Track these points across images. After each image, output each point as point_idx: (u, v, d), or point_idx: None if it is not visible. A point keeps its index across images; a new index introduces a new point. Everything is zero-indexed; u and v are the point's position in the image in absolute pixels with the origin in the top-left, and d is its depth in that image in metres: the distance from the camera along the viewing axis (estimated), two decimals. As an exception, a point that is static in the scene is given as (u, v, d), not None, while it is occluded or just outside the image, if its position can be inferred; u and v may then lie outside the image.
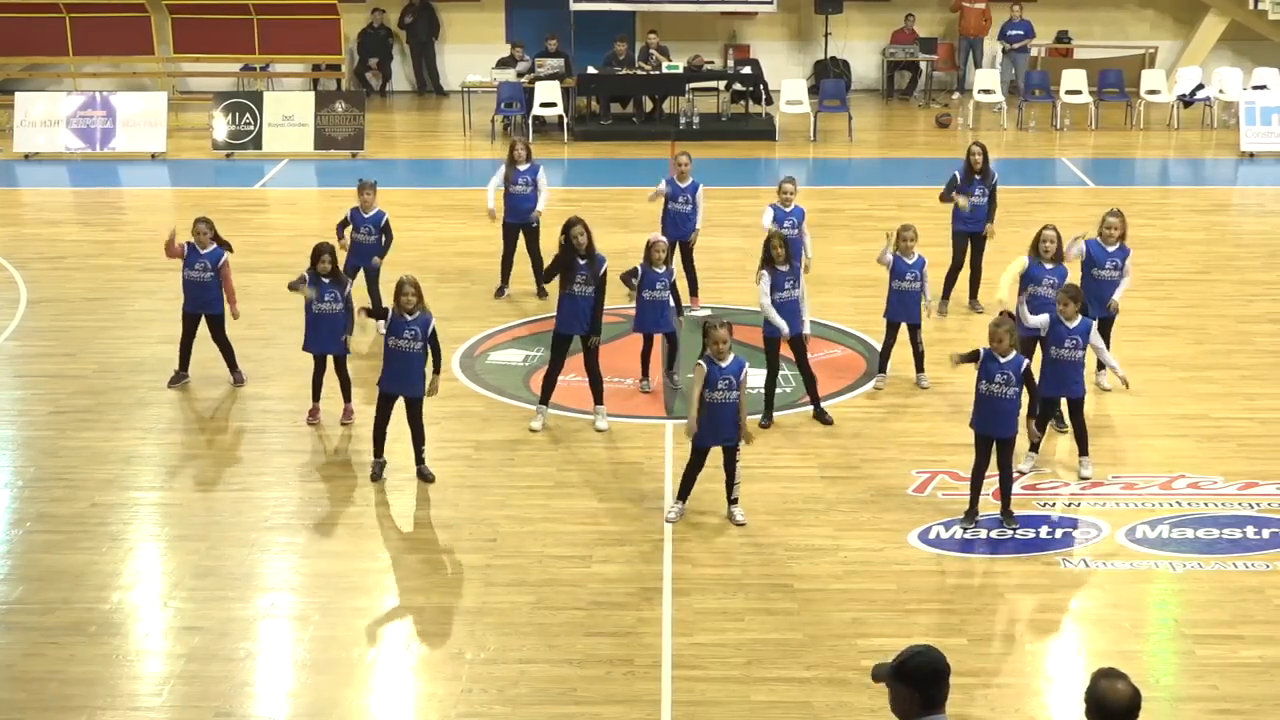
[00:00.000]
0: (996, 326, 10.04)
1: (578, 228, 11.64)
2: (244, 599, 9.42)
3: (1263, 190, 20.57)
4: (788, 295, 11.77)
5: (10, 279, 16.05)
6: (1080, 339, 10.68)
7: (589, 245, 11.64)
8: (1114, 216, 12.25)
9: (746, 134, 23.59)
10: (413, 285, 10.72)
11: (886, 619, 9.13)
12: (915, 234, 12.54)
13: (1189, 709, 8.21)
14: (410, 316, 10.69)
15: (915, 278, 12.45)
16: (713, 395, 9.99)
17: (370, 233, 13.83)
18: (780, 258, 11.68)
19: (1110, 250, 12.17)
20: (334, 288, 11.80)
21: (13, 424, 12.28)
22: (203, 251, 12.51)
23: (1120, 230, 12.20)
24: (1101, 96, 24.37)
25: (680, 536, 10.17)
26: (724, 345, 9.95)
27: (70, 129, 22.40)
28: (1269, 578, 9.60)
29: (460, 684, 8.43)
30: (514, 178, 14.78)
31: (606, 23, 25.46)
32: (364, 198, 13.79)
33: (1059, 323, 10.69)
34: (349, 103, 22.50)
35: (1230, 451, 11.50)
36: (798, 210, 13.79)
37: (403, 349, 10.74)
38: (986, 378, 10.05)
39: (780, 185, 13.90)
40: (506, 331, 14.17)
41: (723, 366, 9.97)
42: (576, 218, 11.79)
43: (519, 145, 14.81)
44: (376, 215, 13.83)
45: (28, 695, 8.30)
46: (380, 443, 11.00)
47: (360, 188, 13.82)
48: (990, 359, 10.04)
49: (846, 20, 26.46)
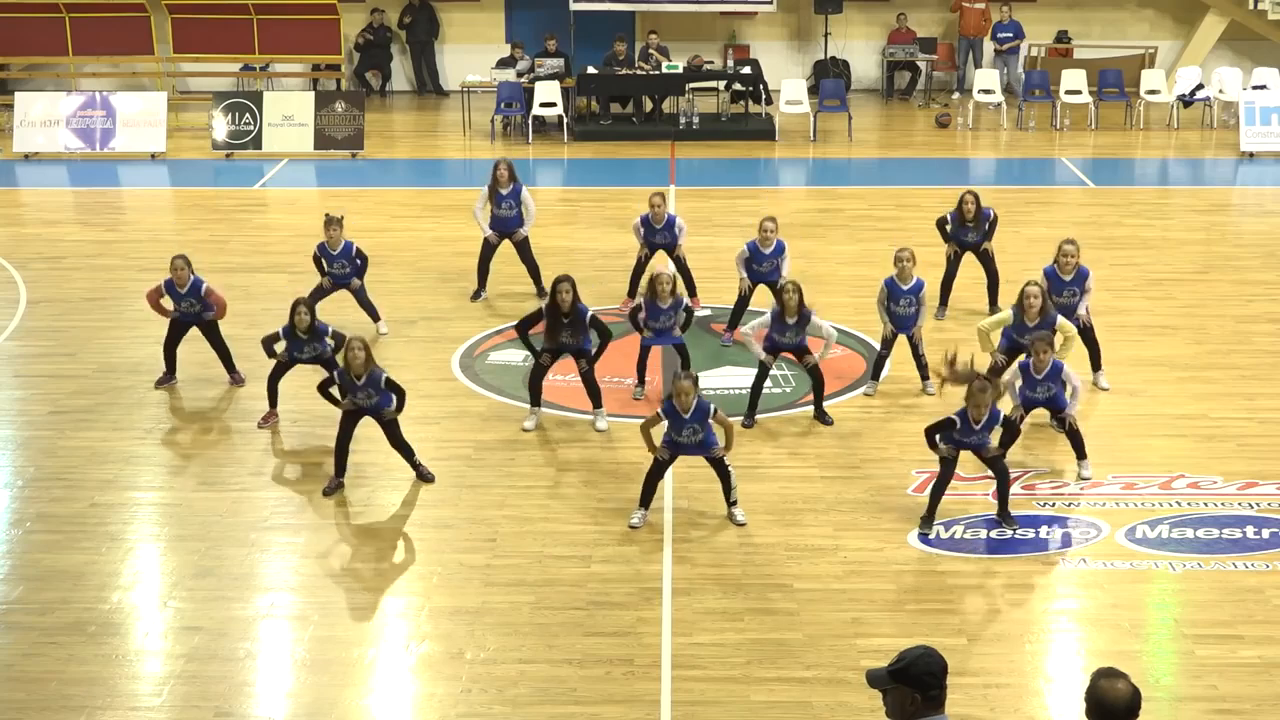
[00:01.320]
0: (981, 392, 9.89)
1: (564, 284, 11.60)
2: (244, 599, 9.43)
3: (1262, 190, 20.57)
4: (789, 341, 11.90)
5: (10, 279, 16.05)
6: (1051, 384, 10.80)
7: (573, 303, 11.63)
8: (1070, 244, 12.37)
9: (746, 134, 23.58)
10: (361, 346, 10.59)
11: (886, 619, 9.13)
12: (912, 256, 12.39)
13: (1189, 709, 8.21)
14: (359, 381, 10.62)
15: (911, 303, 12.36)
16: (678, 438, 10.13)
17: (344, 266, 13.80)
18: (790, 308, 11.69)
19: (1067, 279, 12.30)
20: (314, 342, 11.79)
21: (12, 424, 12.28)
22: (183, 290, 12.52)
23: (1076, 258, 12.31)
24: (1101, 96, 24.36)
25: (680, 536, 10.17)
26: (687, 398, 9.98)
27: (70, 129, 22.40)
28: (1269, 578, 9.61)
29: (460, 684, 8.43)
30: (497, 200, 14.75)
31: (606, 23, 25.46)
32: (330, 233, 13.69)
33: (1029, 373, 10.79)
34: (349, 103, 22.50)
35: (1230, 451, 11.50)
36: (779, 245, 13.52)
37: (360, 404, 10.75)
38: (964, 435, 10.05)
39: (761, 224, 13.46)
40: (506, 331, 14.16)
41: (685, 418, 10.03)
42: (565, 276, 11.71)
43: (501, 167, 14.73)
44: (346, 248, 13.77)
45: (27, 695, 8.31)
46: (342, 461, 10.89)
47: (327, 223, 13.74)
48: (966, 426, 9.98)
49: (846, 20, 26.45)
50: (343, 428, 10.85)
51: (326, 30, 24.27)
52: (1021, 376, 10.94)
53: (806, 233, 17.36)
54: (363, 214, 18.23)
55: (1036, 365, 10.78)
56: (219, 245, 17.12)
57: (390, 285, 15.38)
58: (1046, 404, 10.96)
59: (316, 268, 13.87)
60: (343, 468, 10.91)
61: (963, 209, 14.10)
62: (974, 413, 9.93)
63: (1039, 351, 10.77)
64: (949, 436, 10.09)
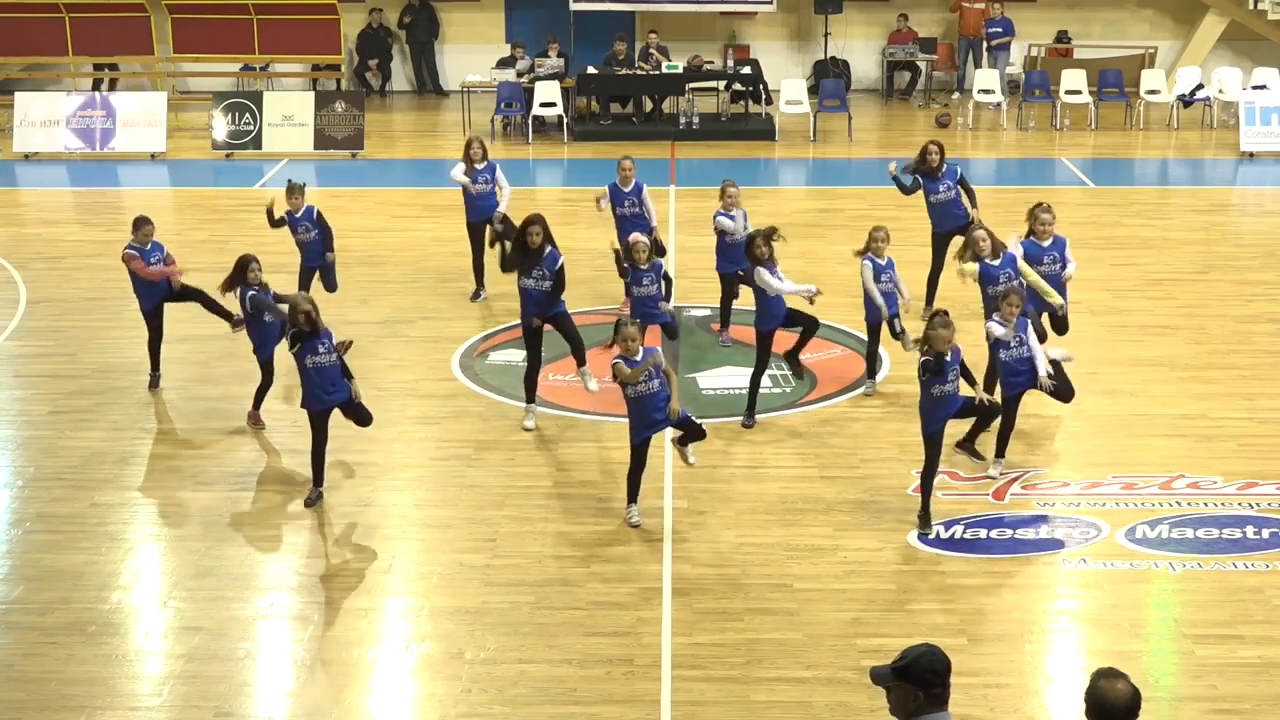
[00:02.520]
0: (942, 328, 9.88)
1: (534, 227, 11.61)
2: (244, 599, 9.43)
3: (1262, 190, 20.57)
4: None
5: (10, 279, 16.05)
6: (1022, 336, 10.72)
7: (543, 243, 11.62)
8: (1046, 212, 12.22)
9: (746, 134, 23.59)
10: (309, 303, 10.50)
11: (886, 619, 9.13)
12: (886, 235, 12.35)
13: (1189, 709, 8.21)
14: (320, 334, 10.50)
15: (889, 280, 12.29)
16: (637, 390, 9.99)
17: (308, 229, 13.88)
18: (765, 255, 11.67)
19: (1045, 245, 12.16)
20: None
21: (12, 424, 12.28)
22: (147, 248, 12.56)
23: (1053, 225, 12.19)
24: (1101, 96, 24.36)
25: (680, 536, 10.17)
26: (632, 343, 9.96)
27: (70, 129, 22.41)
28: (1269, 578, 9.60)
29: (460, 684, 8.43)
30: (473, 177, 14.75)
31: (606, 23, 25.46)
32: (293, 200, 13.83)
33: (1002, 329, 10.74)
34: (349, 103, 22.51)
35: (1230, 451, 11.50)
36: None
37: (320, 364, 10.53)
38: (941, 383, 10.00)
39: (723, 188, 13.43)
40: (506, 331, 14.17)
41: (638, 362, 9.97)
42: (536, 215, 11.72)
43: (475, 144, 14.76)
44: (308, 211, 13.88)
45: (27, 695, 8.31)
46: (321, 469, 10.74)
47: (289, 190, 13.89)
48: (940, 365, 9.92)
49: (846, 20, 26.45)
50: (316, 433, 10.63)
51: (326, 30, 24.27)
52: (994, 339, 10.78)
53: (806, 233, 17.36)
54: (363, 214, 18.24)
55: (1005, 317, 10.65)
56: (219, 245, 17.10)
57: (390, 285, 15.38)
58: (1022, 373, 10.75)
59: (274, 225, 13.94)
60: (321, 476, 10.75)
61: (926, 158, 13.94)
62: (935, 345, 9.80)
63: (1012, 304, 10.65)
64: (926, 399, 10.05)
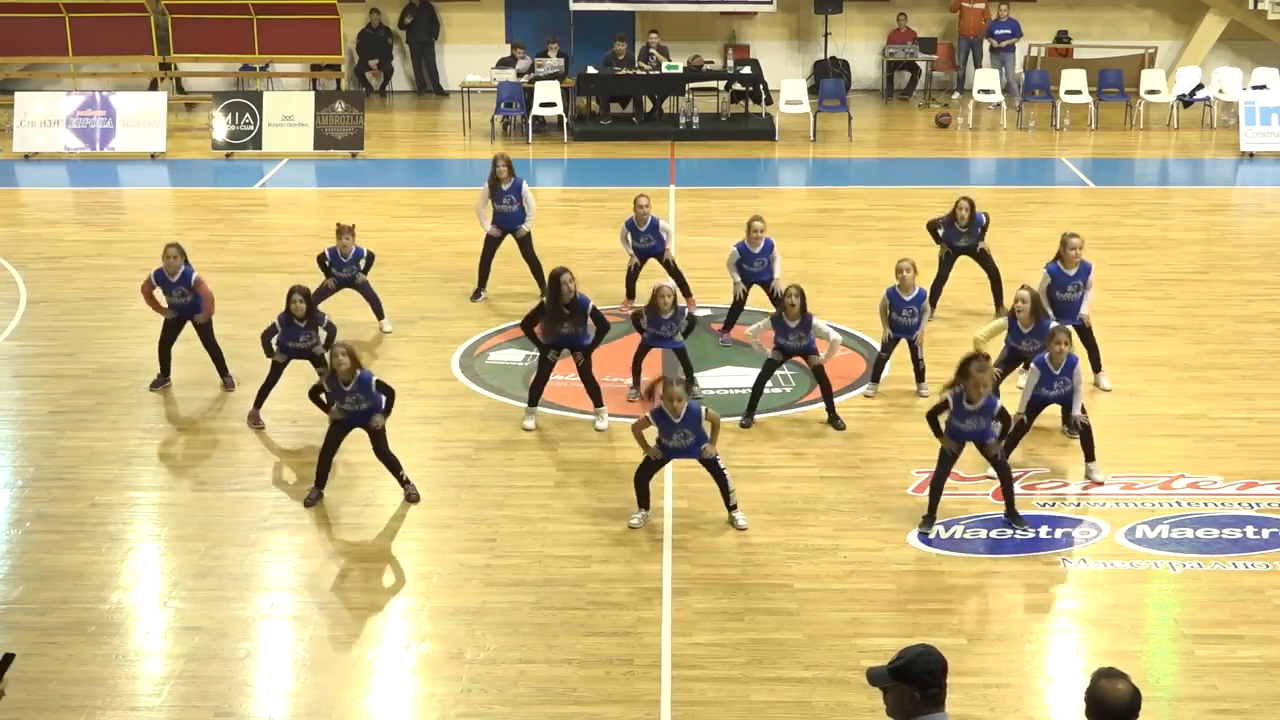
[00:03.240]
0: (979, 371, 9.89)
1: (565, 275, 11.61)
2: (244, 599, 9.42)
3: (1262, 190, 20.57)
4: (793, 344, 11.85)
5: (10, 279, 16.05)
6: (1067, 379, 10.73)
7: (574, 294, 11.61)
8: (1075, 238, 12.33)
9: (746, 134, 23.58)
10: (345, 351, 10.39)
11: (886, 619, 9.13)
12: (913, 266, 12.33)
13: (1189, 709, 8.21)
14: (347, 386, 10.42)
15: (913, 314, 12.30)
16: (669, 443, 10.08)
17: (351, 271, 13.86)
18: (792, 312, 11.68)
19: (1072, 274, 12.27)
20: (310, 330, 11.80)
21: (12, 424, 12.28)
22: (173, 280, 12.52)
23: (1081, 250, 12.29)
24: (1101, 96, 24.36)
25: (680, 536, 10.17)
26: (678, 404, 9.92)
27: (70, 129, 22.41)
28: (1268, 578, 9.60)
29: (460, 684, 8.43)
30: (498, 196, 14.73)
31: (606, 23, 25.46)
32: (342, 242, 13.75)
33: (1047, 368, 10.71)
34: (349, 103, 22.51)
35: (1230, 451, 11.50)
36: (767, 243, 13.50)
37: (349, 410, 10.52)
38: (959, 419, 10.02)
39: (749, 224, 13.41)
40: (506, 331, 14.17)
41: (676, 423, 9.98)
42: (564, 268, 11.71)
43: (500, 163, 14.68)
44: (356, 254, 13.82)
45: (27, 695, 8.29)
46: (324, 472, 10.71)
47: (339, 231, 13.79)
48: (959, 406, 9.96)
49: (846, 20, 26.45)
50: (329, 439, 10.63)
51: (326, 30, 24.27)
52: (1040, 372, 10.79)
53: (806, 233, 17.37)
54: (363, 214, 18.20)
55: (1054, 358, 10.67)
56: (219, 245, 17.12)
57: (390, 285, 15.36)
58: (1059, 400, 10.89)
59: (320, 267, 13.86)
60: (324, 479, 10.73)
61: (956, 214, 14.01)
62: (970, 393, 9.88)
63: (1058, 342, 10.66)
64: (952, 428, 10.06)
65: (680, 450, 10.14)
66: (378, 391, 10.53)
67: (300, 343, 11.83)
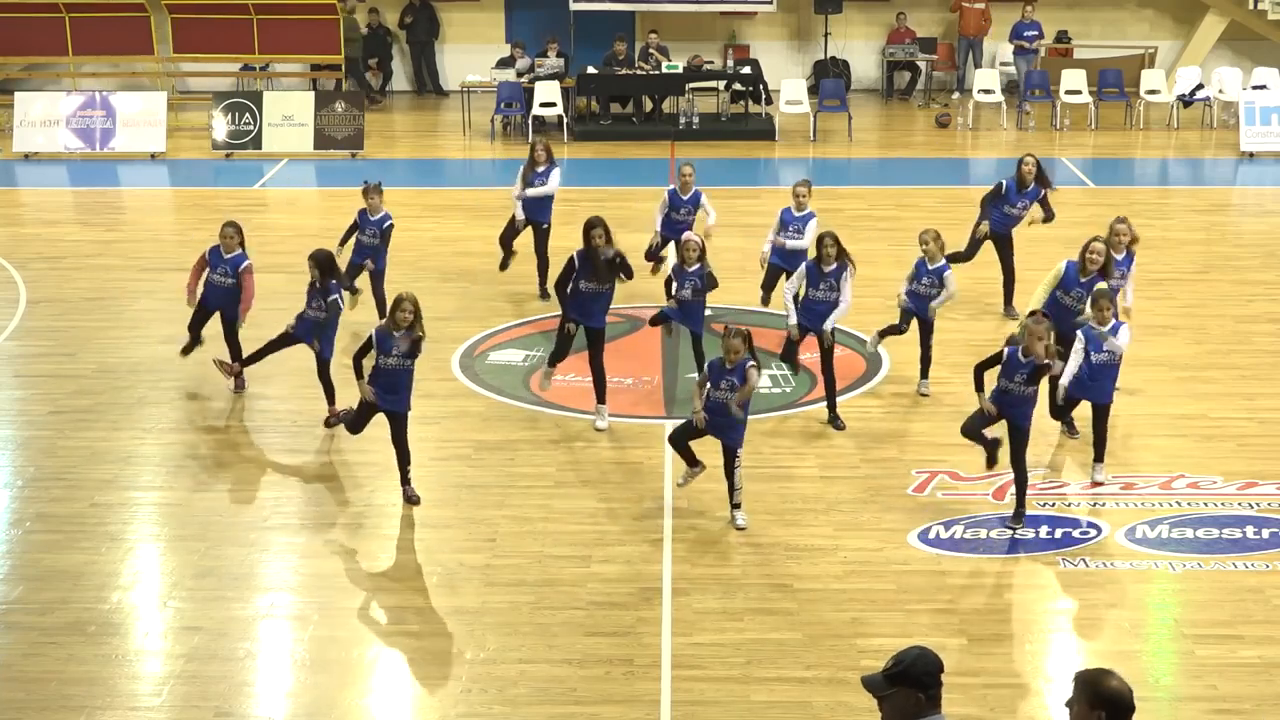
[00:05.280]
0: (1036, 324, 9.91)
1: (597, 229, 11.57)
2: (243, 599, 9.42)
3: (1262, 190, 20.57)
4: (822, 296, 11.81)
5: (10, 279, 16.05)
6: (1112, 352, 10.61)
7: (607, 245, 11.59)
8: (1122, 224, 12.18)
9: (746, 134, 23.59)
10: (411, 303, 10.37)
11: (886, 619, 9.12)
12: (937, 236, 12.14)
13: (1188, 709, 8.21)
14: (398, 334, 10.40)
15: (933, 283, 12.17)
16: (715, 392, 10.06)
17: (374, 235, 13.83)
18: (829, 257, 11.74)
19: (1119, 259, 12.01)
20: (320, 295, 11.80)
21: (12, 424, 12.28)
22: (227, 256, 12.46)
23: (1130, 236, 12.15)
24: (1101, 96, 24.37)
25: (680, 537, 10.17)
26: (737, 355, 9.95)
27: (70, 129, 22.41)
28: (1269, 578, 9.60)
29: (460, 684, 8.43)
30: (532, 180, 14.67)
31: (606, 23, 25.46)
32: (370, 200, 13.77)
33: (1093, 336, 10.61)
34: (348, 103, 22.50)
35: (1230, 451, 11.50)
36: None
37: (391, 367, 10.46)
38: (1007, 376, 10.02)
39: (794, 188, 13.54)
40: (506, 331, 14.18)
41: (728, 370, 10.01)
42: (597, 219, 11.68)
43: (539, 148, 14.62)
44: (383, 218, 13.82)
45: (27, 695, 8.30)
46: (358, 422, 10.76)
47: (365, 190, 13.80)
48: (1014, 361, 9.96)
49: (846, 20, 26.46)
50: (360, 413, 10.67)
51: (326, 30, 24.27)
52: (1086, 341, 10.62)
53: (806, 233, 17.34)
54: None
55: (1099, 321, 10.52)
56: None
57: (390, 285, 15.29)
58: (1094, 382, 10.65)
59: (340, 241, 13.74)
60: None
61: (1022, 170, 13.83)
62: (1028, 343, 9.82)
63: (1102, 308, 10.52)
64: (996, 392, 10.02)
65: (718, 407, 10.02)
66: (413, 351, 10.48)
67: (312, 309, 11.80)
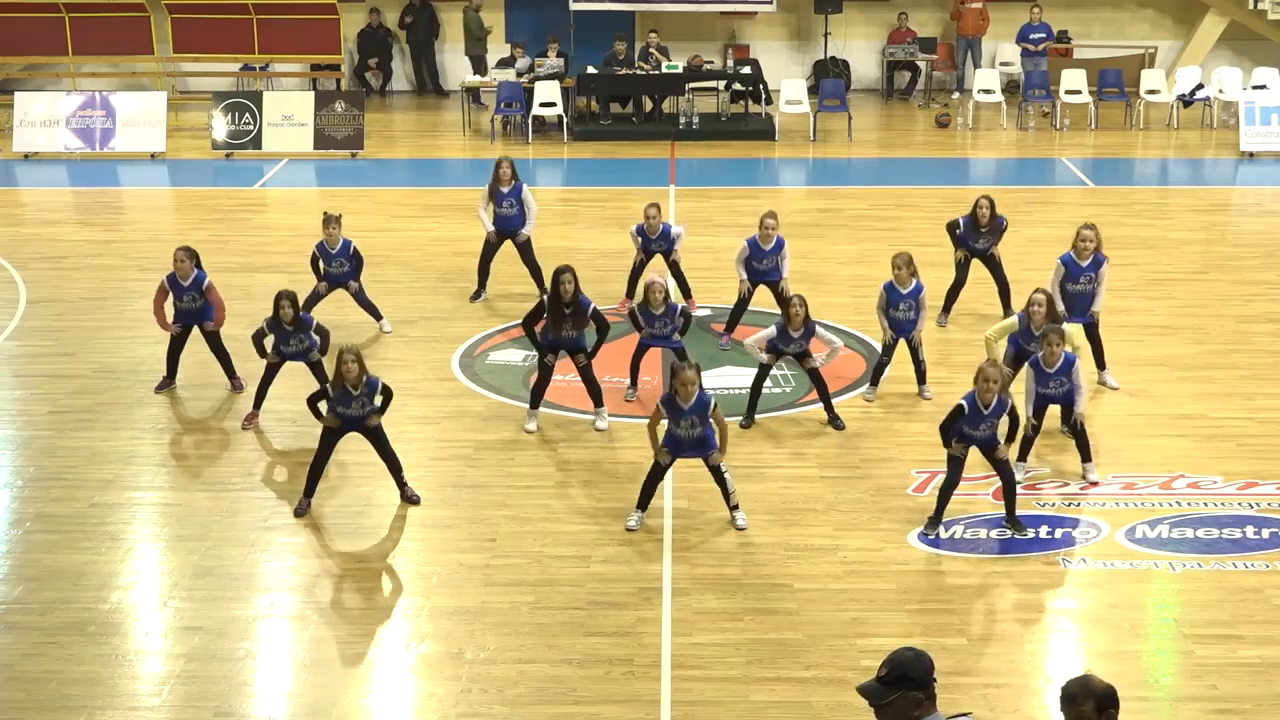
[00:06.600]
0: (990, 367, 9.92)
1: (566, 275, 11.58)
2: (243, 599, 9.42)
3: (1262, 190, 20.57)
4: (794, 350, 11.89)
5: (10, 279, 16.05)
6: (1064, 379, 10.71)
7: (574, 294, 11.58)
8: (1089, 229, 12.38)
9: (746, 134, 23.58)
10: (354, 356, 10.22)
11: (886, 619, 9.12)
12: (908, 260, 12.26)
13: (1188, 709, 8.21)
14: (356, 391, 10.31)
15: (910, 308, 12.23)
16: (677, 431, 10.07)
17: (342, 264, 13.83)
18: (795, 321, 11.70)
19: (1084, 265, 12.32)
20: (299, 334, 11.76)
21: (12, 424, 12.28)
22: (185, 284, 12.47)
23: (1095, 243, 12.32)
24: (1101, 96, 24.36)
25: (680, 536, 10.16)
26: (690, 388, 9.91)
27: (70, 129, 22.41)
28: (1269, 578, 9.60)
29: (460, 684, 8.43)
30: (499, 199, 14.67)
31: (606, 23, 25.46)
32: (329, 231, 13.72)
33: (1041, 368, 10.71)
34: (348, 102, 22.51)
35: (1230, 451, 11.50)
36: (779, 241, 13.46)
37: (352, 415, 10.41)
38: (971, 426, 9.97)
39: (762, 220, 13.34)
40: (506, 332, 14.18)
41: (685, 409, 9.97)
42: (566, 266, 11.69)
43: (504, 165, 14.65)
44: (344, 246, 13.80)
45: (27, 695, 8.30)
46: (314, 483, 10.56)
47: (325, 222, 13.77)
48: (975, 412, 9.90)
49: (846, 20, 26.46)
50: (323, 445, 10.52)
51: (326, 30, 24.28)
52: (1033, 372, 10.82)
53: (806, 233, 17.36)
54: (363, 214, 18.24)
55: (1048, 359, 10.68)
56: (219, 245, 17.11)
57: (390, 285, 15.38)
58: (1062, 399, 10.86)
59: (313, 269, 13.86)
60: (314, 488, 10.57)
61: (977, 214, 13.94)
62: (982, 394, 9.83)
63: (1051, 344, 10.66)
64: (959, 430, 10.03)
65: (687, 443, 10.10)
66: (382, 395, 10.49)
67: (291, 346, 11.82)
